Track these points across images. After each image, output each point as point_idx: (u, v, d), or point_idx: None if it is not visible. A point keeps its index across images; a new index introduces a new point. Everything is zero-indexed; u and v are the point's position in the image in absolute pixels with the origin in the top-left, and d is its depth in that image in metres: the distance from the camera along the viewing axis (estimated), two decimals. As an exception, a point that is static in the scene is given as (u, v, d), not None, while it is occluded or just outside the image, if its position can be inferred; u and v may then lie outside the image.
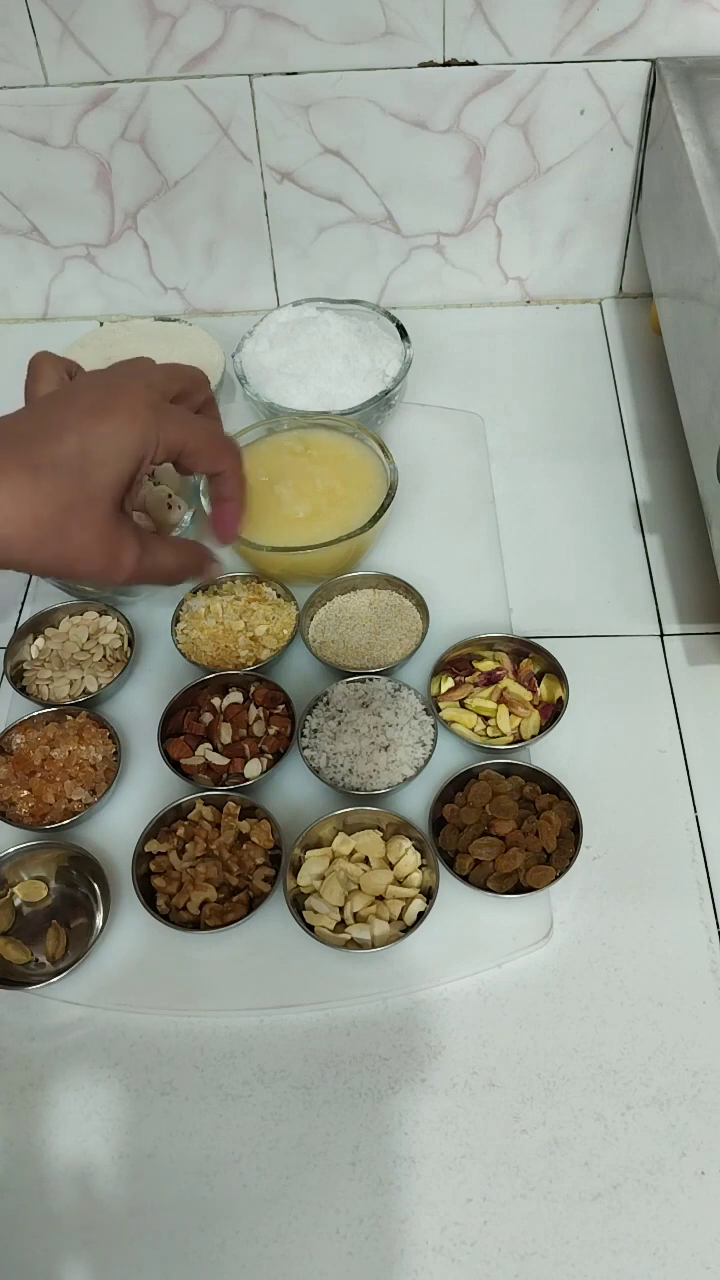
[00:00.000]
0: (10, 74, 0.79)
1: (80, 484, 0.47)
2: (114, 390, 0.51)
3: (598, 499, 0.78)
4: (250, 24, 0.76)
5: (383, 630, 0.69)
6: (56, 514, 0.47)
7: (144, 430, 0.50)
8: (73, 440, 0.48)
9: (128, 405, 0.50)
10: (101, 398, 0.50)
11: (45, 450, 0.47)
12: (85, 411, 0.49)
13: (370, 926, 0.57)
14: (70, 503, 0.47)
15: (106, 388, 0.51)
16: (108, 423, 0.49)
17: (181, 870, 0.60)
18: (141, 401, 0.50)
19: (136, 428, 0.49)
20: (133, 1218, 0.52)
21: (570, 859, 0.59)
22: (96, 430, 0.48)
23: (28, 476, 0.46)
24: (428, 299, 0.93)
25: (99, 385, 0.52)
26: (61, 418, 0.49)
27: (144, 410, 0.50)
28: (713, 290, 0.62)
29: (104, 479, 0.48)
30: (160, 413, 0.51)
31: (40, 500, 0.46)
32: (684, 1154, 0.52)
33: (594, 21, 0.76)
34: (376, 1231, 0.51)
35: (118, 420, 0.49)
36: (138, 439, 0.49)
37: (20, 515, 0.46)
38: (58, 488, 0.47)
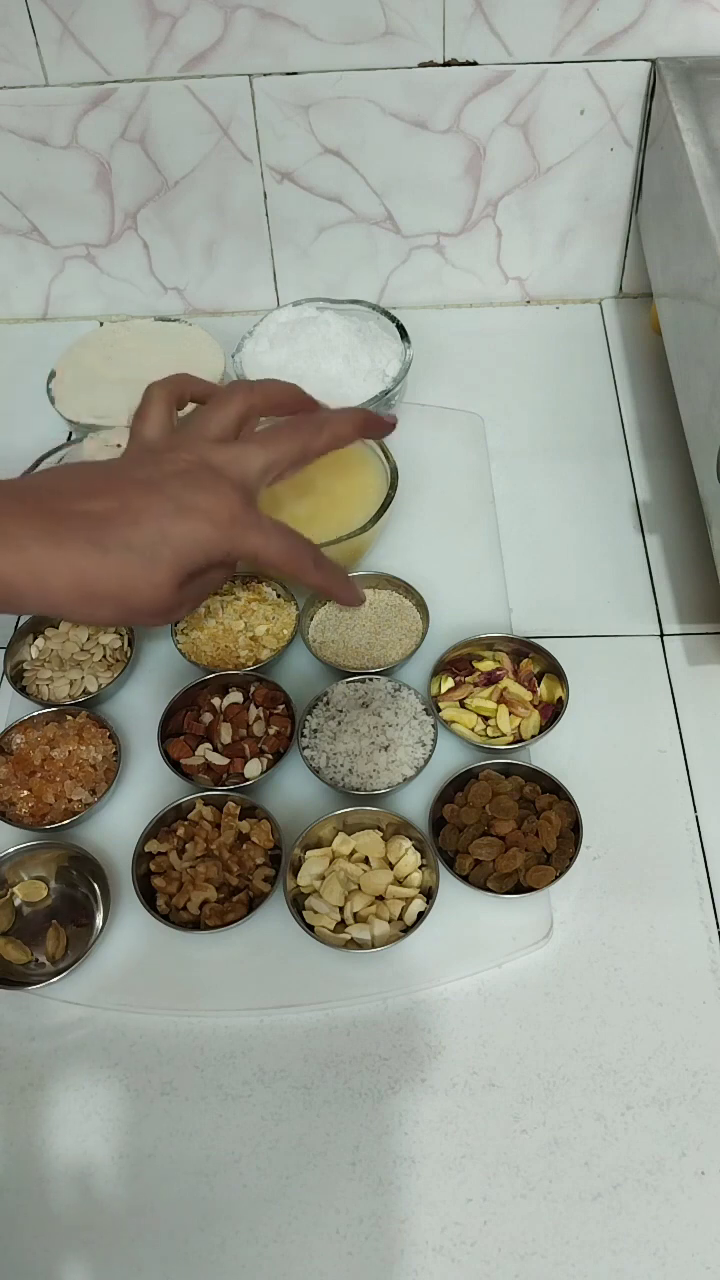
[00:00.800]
0: (10, 74, 0.79)
1: (146, 569, 0.48)
2: (203, 488, 0.50)
3: (598, 499, 0.78)
4: (250, 24, 0.76)
5: (383, 630, 0.69)
6: (117, 590, 0.47)
7: (222, 538, 0.50)
8: (150, 530, 0.48)
9: (212, 510, 0.49)
10: (189, 494, 0.49)
11: (119, 533, 0.47)
12: (169, 506, 0.49)
13: (370, 926, 0.57)
14: (132, 582, 0.47)
15: (196, 483, 0.50)
16: (189, 523, 0.49)
17: (181, 870, 0.60)
18: (226, 508, 0.50)
19: (216, 534, 0.49)
20: (133, 1218, 0.52)
21: (570, 859, 0.59)
22: (176, 528, 0.48)
23: (96, 554, 0.46)
24: (428, 299, 0.93)
25: (190, 478, 0.51)
26: (144, 504, 0.48)
27: (226, 519, 0.49)
28: (713, 290, 0.62)
29: (171, 568, 0.48)
30: (242, 523, 0.50)
31: (104, 577, 0.47)
32: (684, 1154, 0.52)
33: (594, 21, 0.76)
34: (376, 1231, 0.51)
35: (198, 523, 0.49)
36: (213, 545, 0.49)
37: (82, 586, 0.46)
38: (124, 569, 0.47)
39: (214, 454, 0.53)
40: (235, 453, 0.53)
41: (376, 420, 0.61)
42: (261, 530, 0.51)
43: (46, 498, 0.48)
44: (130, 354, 0.84)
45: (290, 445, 0.55)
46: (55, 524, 0.46)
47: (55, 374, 0.82)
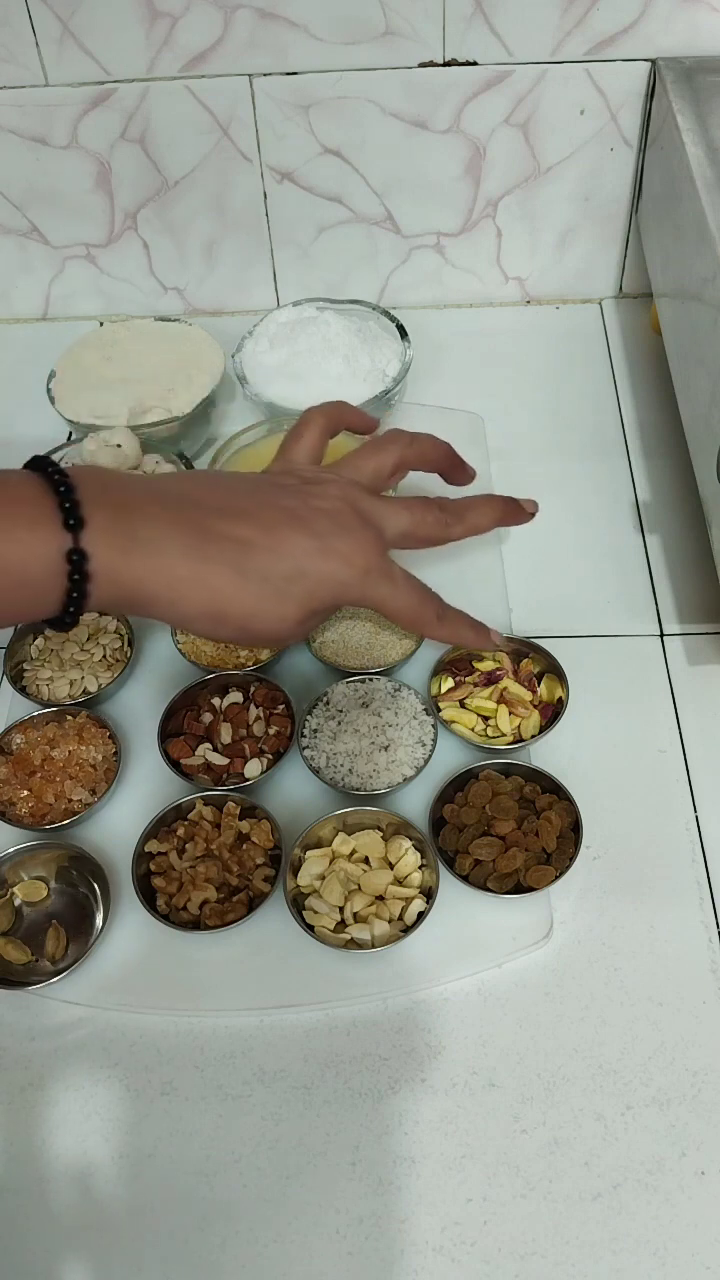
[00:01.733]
0: (10, 74, 0.79)
1: (277, 602, 0.48)
2: (347, 532, 0.50)
3: (598, 499, 0.78)
4: (250, 24, 0.76)
5: (383, 630, 0.69)
6: (245, 616, 0.48)
7: (355, 585, 0.50)
8: (289, 565, 0.48)
9: (351, 556, 0.50)
10: (332, 535, 0.50)
11: (260, 560, 0.48)
12: (312, 544, 0.49)
13: (370, 926, 0.57)
14: (262, 611, 0.48)
15: (341, 526, 0.51)
16: (328, 565, 0.49)
17: (181, 870, 0.60)
18: (364, 556, 0.50)
19: (350, 579, 0.50)
20: (133, 1218, 0.52)
21: (570, 859, 0.59)
22: (315, 567, 0.49)
23: (235, 579, 0.47)
24: (428, 299, 0.93)
25: (336, 519, 0.51)
26: (289, 537, 0.49)
27: (362, 567, 0.50)
28: (713, 290, 0.62)
29: (300, 604, 0.49)
30: (376, 574, 0.51)
31: (236, 602, 0.47)
32: (684, 1154, 0.52)
33: (594, 21, 0.76)
34: (376, 1231, 0.51)
35: (336, 566, 0.50)
36: (345, 590, 0.50)
37: (214, 606, 0.47)
38: (257, 598, 0.48)
39: (362, 500, 0.53)
40: (383, 508, 0.54)
41: (516, 511, 0.63)
42: (392, 582, 0.52)
43: (192, 510, 0.48)
44: (130, 354, 0.84)
45: (433, 525, 0.56)
46: (202, 541, 0.47)
47: (55, 374, 0.82)
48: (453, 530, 0.58)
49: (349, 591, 0.51)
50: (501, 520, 0.62)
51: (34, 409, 0.82)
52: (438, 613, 0.55)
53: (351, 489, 0.54)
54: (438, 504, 0.57)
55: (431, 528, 0.56)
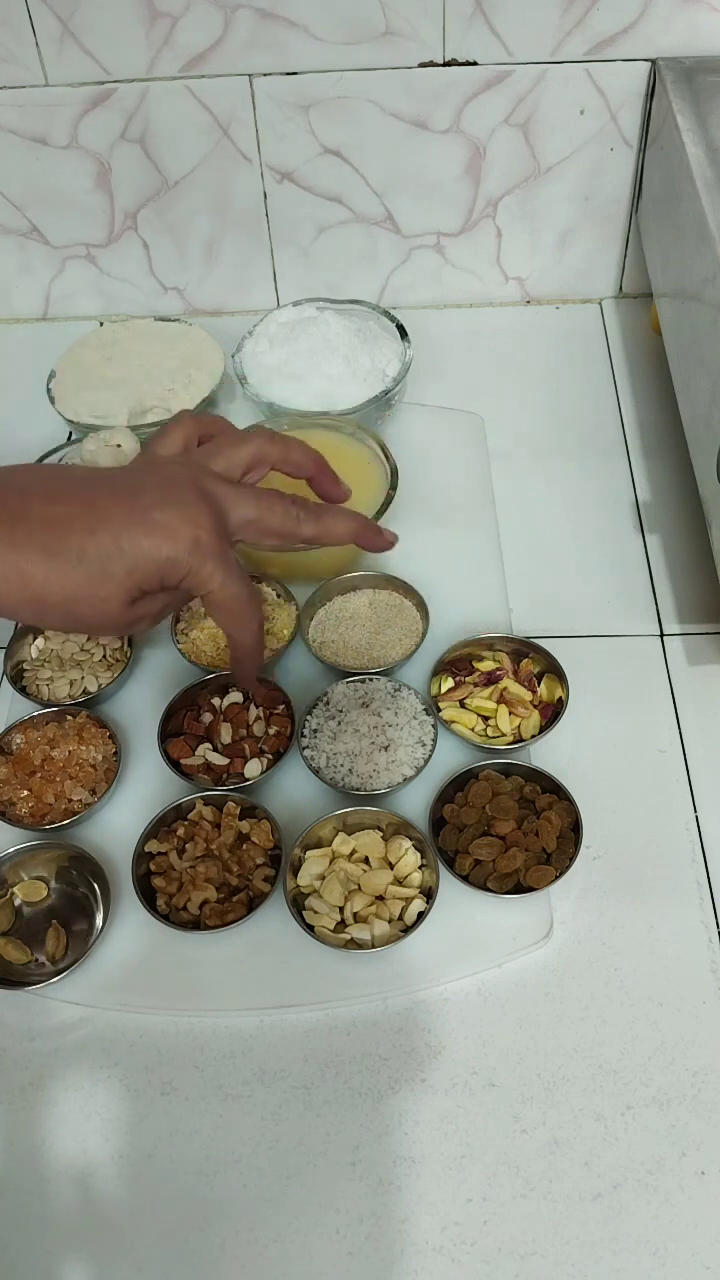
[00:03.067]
0: (10, 74, 0.79)
1: (93, 582, 0.46)
2: (176, 503, 0.48)
3: (598, 499, 0.78)
4: (250, 24, 0.76)
5: (383, 630, 0.69)
6: (62, 599, 0.46)
7: (179, 560, 0.48)
8: (106, 540, 0.46)
9: (177, 528, 0.47)
10: (159, 507, 0.48)
11: (75, 539, 0.46)
12: (135, 515, 0.47)
13: (370, 926, 0.57)
14: (78, 593, 0.46)
15: (170, 498, 0.48)
16: (148, 538, 0.47)
17: (181, 870, 0.60)
18: (192, 530, 0.48)
19: (174, 553, 0.47)
20: (133, 1218, 0.52)
21: (570, 859, 0.59)
22: (133, 538, 0.46)
23: (45, 561, 0.45)
24: (428, 299, 0.93)
25: (168, 491, 0.49)
26: (109, 511, 0.47)
27: (189, 540, 0.47)
28: (713, 290, 0.62)
29: (120, 583, 0.47)
30: (205, 551, 0.48)
31: (50, 585, 0.45)
32: (684, 1154, 0.52)
33: (594, 21, 0.76)
34: (376, 1231, 0.51)
35: (157, 538, 0.47)
36: (168, 565, 0.47)
37: (29, 591, 0.45)
38: (71, 579, 0.46)
39: (205, 479, 0.51)
40: (227, 489, 0.51)
41: (374, 535, 0.59)
42: (223, 567, 0.49)
43: (12, 497, 0.46)
44: (130, 354, 0.84)
45: (282, 516, 0.53)
46: (13, 526, 0.45)
47: (55, 374, 0.82)
48: (303, 527, 0.54)
49: (175, 568, 0.47)
50: (357, 535, 0.58)
51: (34, 409, 0.82)
52: (255, 629, 0.54)
53: (197, 468, 0.51)
54: (292, 499, 0.54)
55: (280, 519, 0.53)
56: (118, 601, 0.47)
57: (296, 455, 0.57)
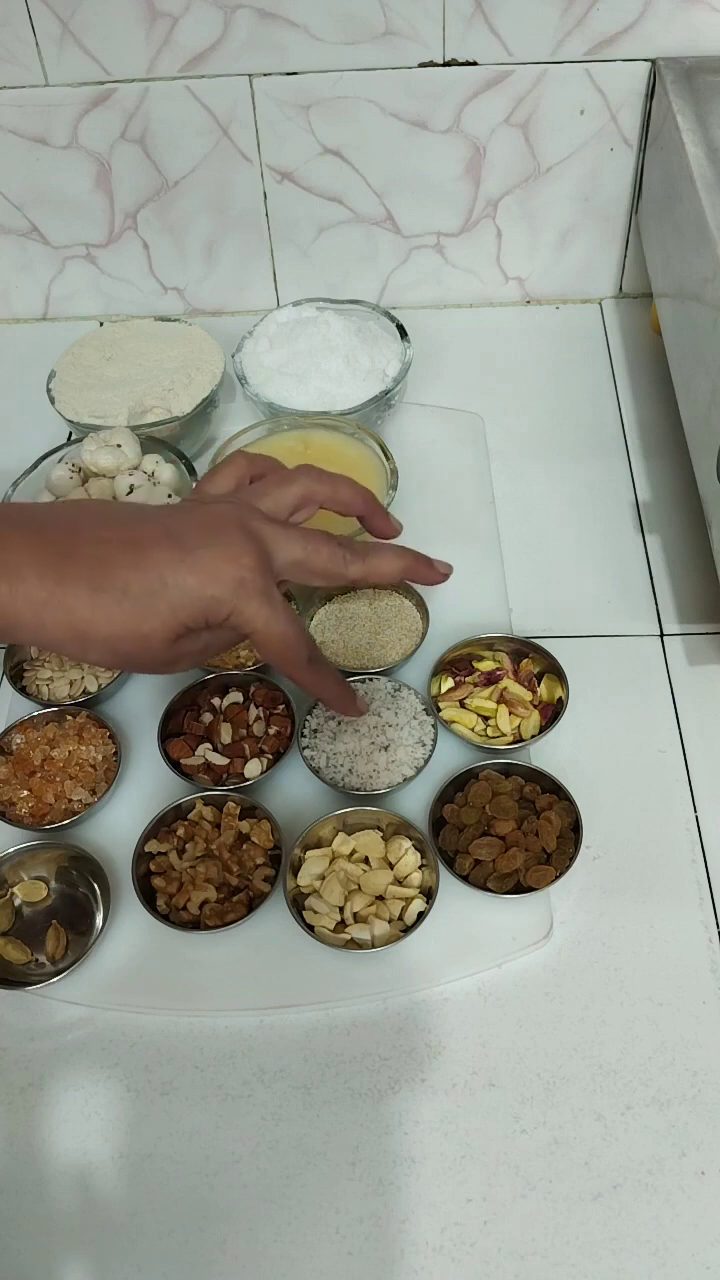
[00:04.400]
0: (10, 74, 0.79)
1: (136, 619, 0.46)
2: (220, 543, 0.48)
3: (598, 499, 0.78)
4: (250, 24, 0.76)
5: (383, 630, 0.69)
6: (107, 635, 0.46)
7: (223, 600, 0.47)
8: (151, 577, 0.46)
9: (220, 568, 0.47)
10: (203, 547, 0.47)
11: (120, 576, 0.46)
12: (178, 554, 0.47)
13: (370, 926, 0.57)
14: (121, 629, 0.46)
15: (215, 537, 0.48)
16: (191, 576, 0.47)
17: (181, 870, 0.60)
18: (236, 569, 0.47)
19: (218, 592, 0.47)
20: (133, 1218, 0.52)
21: (570, 859, 0.59)
22: (178, 577, 0.46)
23: (90, 596, 0.45)
24: (428, 299, 0.93)
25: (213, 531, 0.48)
26: (156, 549, 0.47)
27: (232, 580, 0.47)
28: (713, 290, 0.62)
29: (164, 621, 0.46)
30: (249, 590, 0.48)
31: (95, 621, 0.45)
32: (684, 1154, 0.52)
33: (594, 21, 0.76)
34: (376, 1231, 0.51)
35: (201, 577, 0.47)
36: (212, 604, 0.47)
37: (74, 626, 0.45)
38: (115, 615, 0.46)
39: (252, 520, 0.51)
40: (273, 530, 0.51)
41: (425, 569, 0.60)
42: (269, 605, 0.49)
43: (61, 531, 0.46)
44: (130, 354, 0.84)
45: (329, 558, 0.53)
46: (62, 560, 0.45)
47: (55, 374, 0.82)
48: (351, 568, 0.55)
49: (219, 606, 0.47)
50: (408, 572, 0.59)
51: (34, 409, 0.82)
52: (310, 656, 0.53)
53: (244, 509, 0.51)
54: (339, 540, 0.54)
55: (326, 561, 0.53)
56: (161, 639, 0.47)
57: (345, 494, 0.57)
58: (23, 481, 0.74)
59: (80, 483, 0.74)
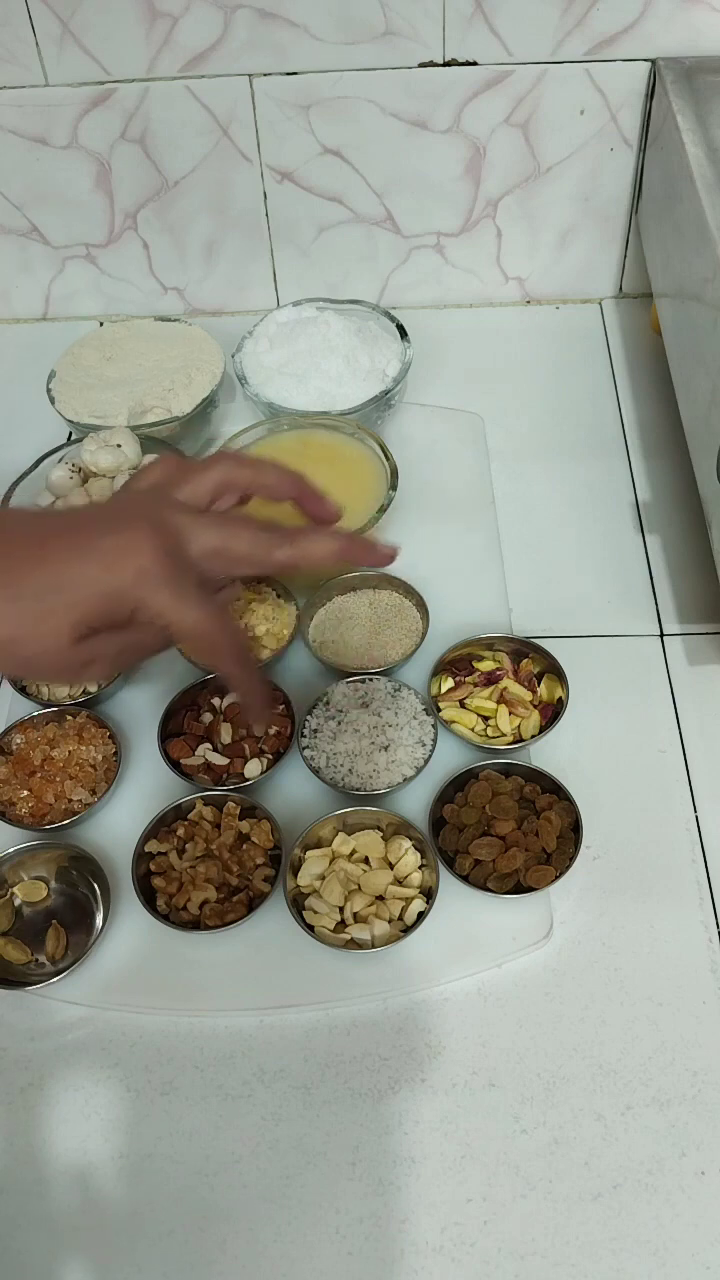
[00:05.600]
0: (10, 74, 0.79)
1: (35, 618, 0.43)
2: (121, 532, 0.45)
3: (598, 499, 0.78)
4: (250, 24, 0.76)
5: (383, 630, 0.69)
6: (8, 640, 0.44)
7: (124, 590, 0.44)
8: (49, 573, 0.43)
9: (119, 557, 0.44)
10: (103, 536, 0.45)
11: (15, 576, 0.43)
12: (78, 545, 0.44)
13: (370, 926, 0.57)
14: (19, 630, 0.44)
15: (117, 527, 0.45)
16: (89, 568, 0.44)
17: (181, 870, 0.60)
18: (137, 558, 0.44)
19: (117, 583, 0.44)
20: (133, 1218, 0.52)
21: (570, 859, 0.59)
22: (74, 570, 0.44)
23: None
24: (428, 299, 0.93)
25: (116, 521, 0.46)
26: (53, 545, 0.44)
27: (133, 570, 0.44)
28: (713, 290, 0.62)
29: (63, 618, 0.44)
30: (154, 579, 0.45)
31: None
32: (684, 1154, 0.52)
33: (594, 21, 0.76)
34: (376, 1231, 0.51)
35: (98, 569, 0.44)
36: (112, 595, 0.44)
37: None
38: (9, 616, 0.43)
39: (163, 508, 0.48)
40: (187, 518, 0.48)
41: (364, 551, 0.54)
42: (176, 594, 0.45)
43: None
44: (130, 354, 0.84)
45: (250, 542, 0.49)
46: None
47: (55, 374, 0.82)
48: (277, 552, 0.50)
49: (121, 599, 0.44)
50: (345, 553, 0.53)
51: (34, 409, 0.82)
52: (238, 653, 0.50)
53: (154, 498, 0.49)
54: (262, 524, 0.51)
55: (248, 545, 0.49)
56: (62, 639, 0.44)
57: (270, 478, 0.53)
58: (23, 481, 0.74)
59: (80, 483, 0.74)
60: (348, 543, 0.53)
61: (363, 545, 0.54)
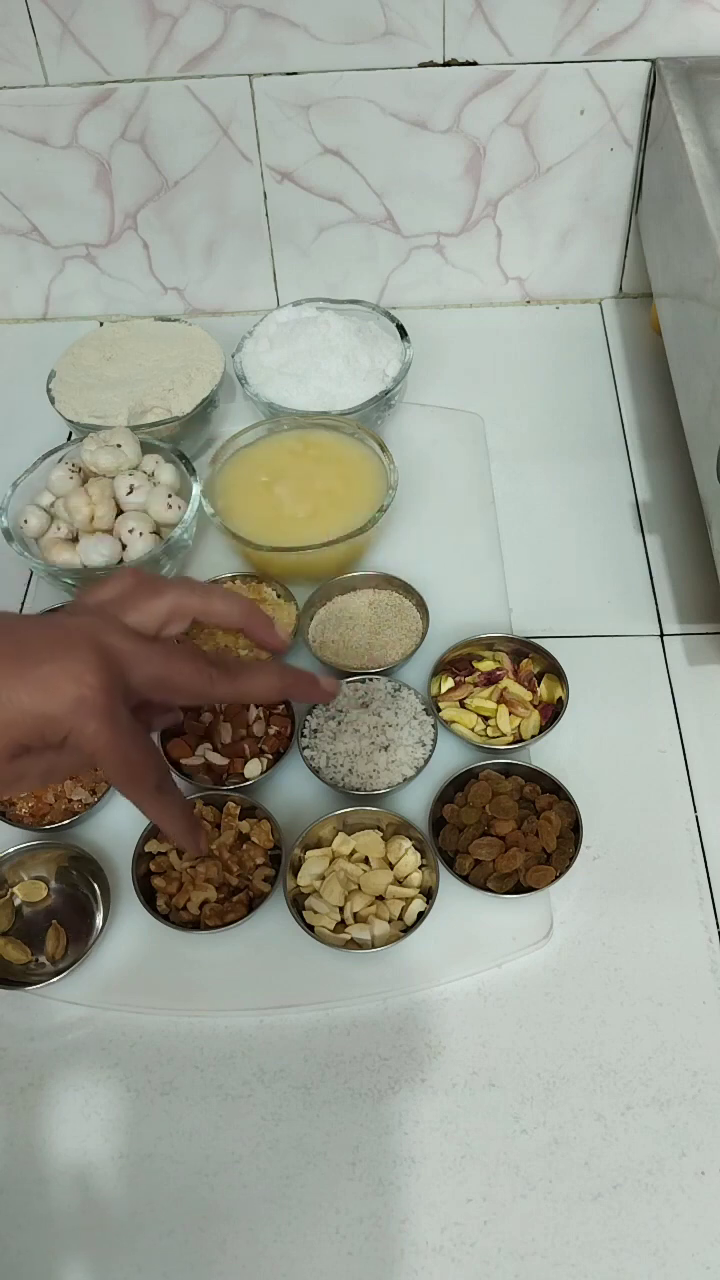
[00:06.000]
0: (10, 74, 0.79)
1: None
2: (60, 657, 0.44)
3: (598, 499, 0.78)
4: (250, 24, 0.76)
5: (383, 630, 0.69)
6: None
7: (57, 719, 0.44)
8: None
9: (55, 682, 0.44)
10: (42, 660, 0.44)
11: None
12: (19, 669, 0.43)
13: (370, 926, 0.57)
14: None
15: (56, 651, 0.45)
16: (29, 693, 0.43)
17: (181, 870, 0.60)
18: (74, 686, 0.44)
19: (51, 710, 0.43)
20: (133, 1218, 0.52)
21: (570, 859, 0.59)
22: (13, 693, 0.43)
23: None
24: (428, 299, 0.93)
25: (56, 644, 0.45)
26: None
27: (70, 699, 0.44)
28: (713, 290, 0.62)
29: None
30: (90, 711, 0.44)
31: None
32: (684, 1154, 0.52)
33: (594, 21, 0.76)
34: (376, 1231, 0.51)
35: (37, 695, 0.43)
36: (44, 722, 0.44)
37: None
38: None
39: (110, 634, 0.47)
40: (132, 646, 0.47)
41: (306, 687, 0.55)
42: (110, 725, 0.45)
43: None
44: (130, 354, 0.84)
45: (191, 676, 0.49)
46: None
47: (55, 374, 0.82)
48: (217, 687, 0.50)
49: (56, 725, 0.44)
50: (287, 690, 0.54)
51: (34, 409, 0.82)
52: (158, 784, 0.49)
53: (101, 620, 0.48)
54: (208, 657, 0.51)
55: (189, 678, 0.49)
56: None
57: (220, 606, 0.53)
58: (23, 482, 0.74)
59: (80, 483, 0.74)
60: (293, 679, 0.55)
61: (306, 680, 0.56)
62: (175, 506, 0.72)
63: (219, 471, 0.75)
